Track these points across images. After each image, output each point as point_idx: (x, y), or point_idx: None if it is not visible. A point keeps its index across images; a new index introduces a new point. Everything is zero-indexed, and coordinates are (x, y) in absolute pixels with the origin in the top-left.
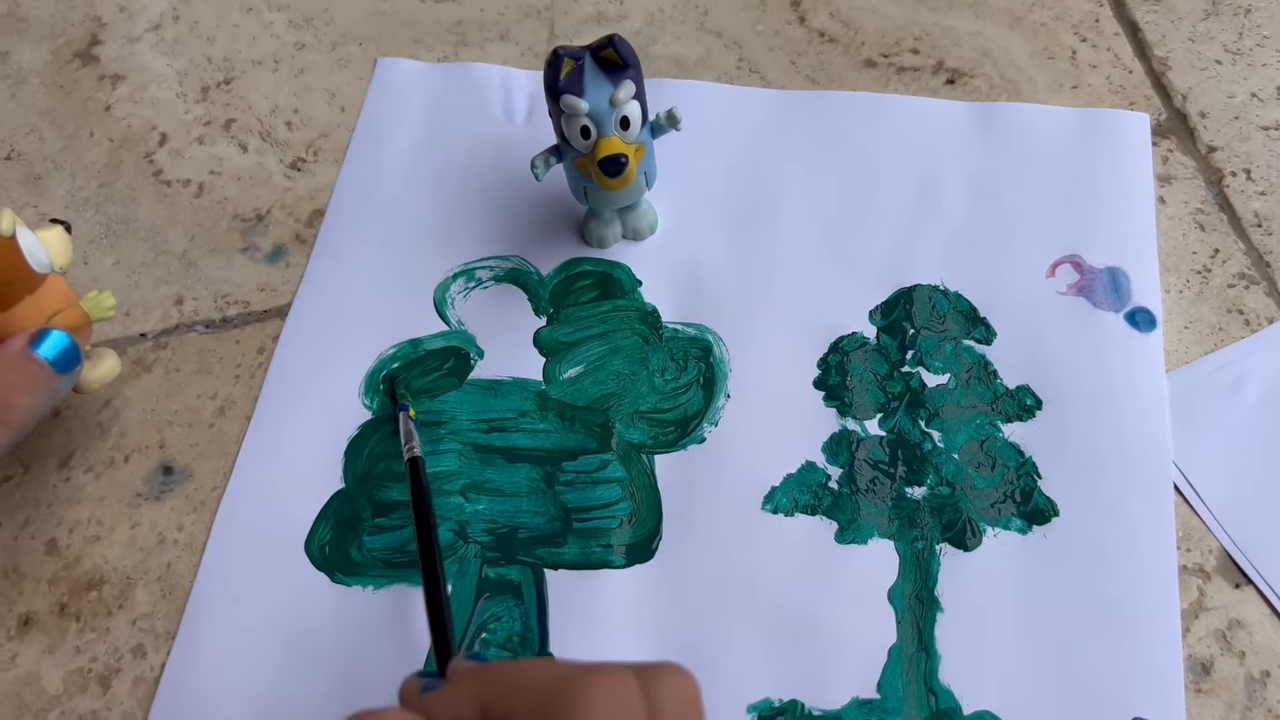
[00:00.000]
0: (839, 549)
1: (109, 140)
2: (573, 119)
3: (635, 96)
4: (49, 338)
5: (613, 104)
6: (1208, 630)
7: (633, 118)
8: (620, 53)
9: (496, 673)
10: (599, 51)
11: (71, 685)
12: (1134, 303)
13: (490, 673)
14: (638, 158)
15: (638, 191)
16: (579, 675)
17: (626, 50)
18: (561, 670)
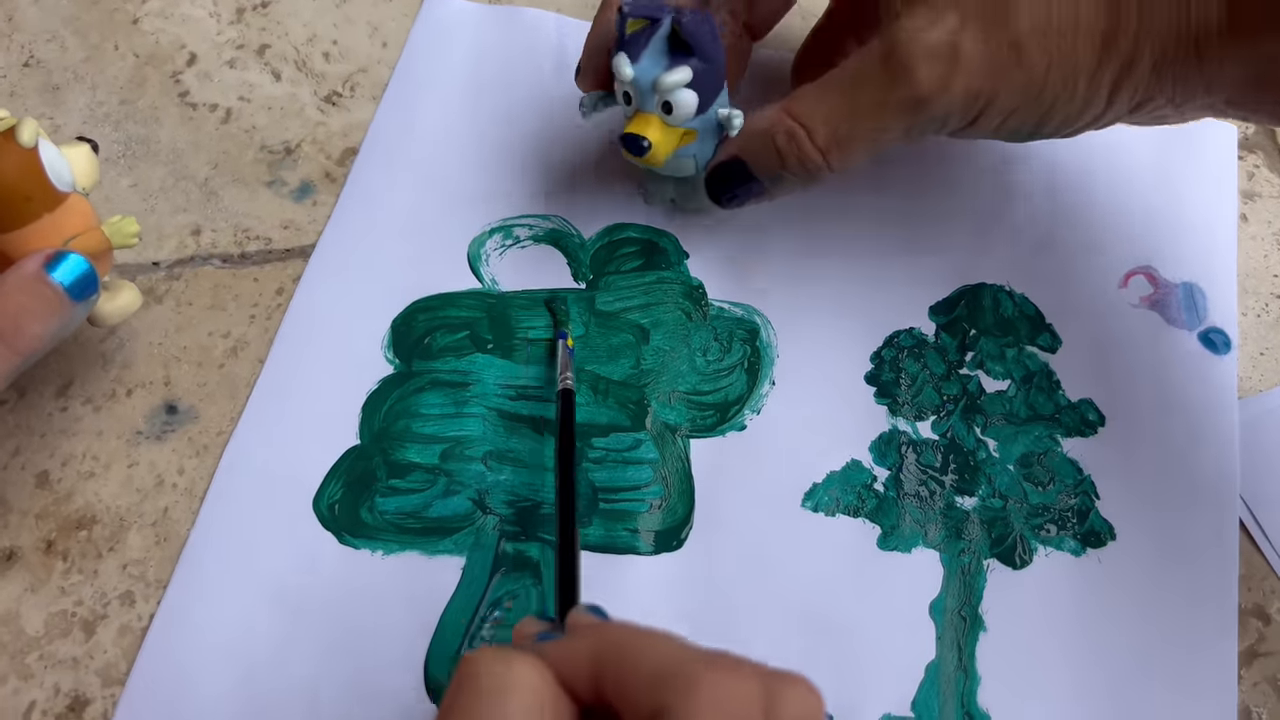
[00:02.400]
0: (880, 555)
1: (134, 55)
2: (618, 81)
3: (695, 85)
4: (66, 261)
5: (655, 88)
6: (1263, 676)
7: (678, 106)
8: (687, 36)
9: (617, 635)
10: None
11: (53, 628)
12: (1209, 322)
13: (610, 634)
14: (677, 142)
15: (680, 170)
16: (701, 664)
17: (697, 35)
18: (684, 653)
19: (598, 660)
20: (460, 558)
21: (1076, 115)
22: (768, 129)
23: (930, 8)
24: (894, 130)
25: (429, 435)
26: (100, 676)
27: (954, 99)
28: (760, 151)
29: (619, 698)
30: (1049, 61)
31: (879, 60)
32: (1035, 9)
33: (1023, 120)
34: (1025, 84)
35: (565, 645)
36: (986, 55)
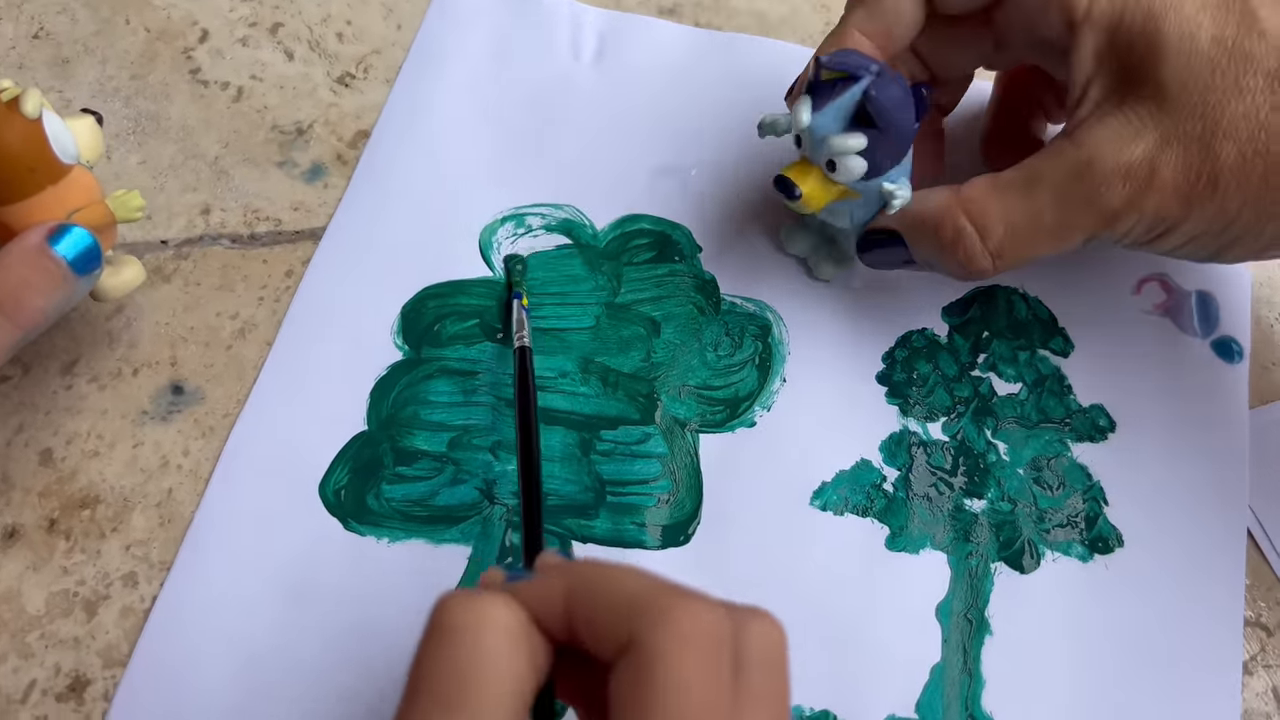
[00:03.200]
0: (888, 556)
1: (146, 30)
2: (794, 123)
3: (868, 154)
4: (69, 234)
5: (825, 145)
6: (1265, 687)
7: (843, 169)
8: (871, 108)
9: (586, 571)
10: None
11: (54, 608)
12: (1222, 331)
13: (580, 570)
14: (833, 197)
15: (833, 220)
16: (669, 593)
17: (883, 109)
18: (652, 583)
19: (569, 596)
20: (466, 547)
21: (1259, 251)
22: (937, 219)
23: (1128, 120)
24: (1073, 240)
25: (437, 423)
26: (101, 657)
27: (1143, 219)
28: (923, 238)
29: (590, 632)
30: (1244, 200)
31: (1072, 171)
32: (1240, 148)
33: (1203, 246)
34: (1215, 216)
35: (536, 584)
36: (1183, 183)
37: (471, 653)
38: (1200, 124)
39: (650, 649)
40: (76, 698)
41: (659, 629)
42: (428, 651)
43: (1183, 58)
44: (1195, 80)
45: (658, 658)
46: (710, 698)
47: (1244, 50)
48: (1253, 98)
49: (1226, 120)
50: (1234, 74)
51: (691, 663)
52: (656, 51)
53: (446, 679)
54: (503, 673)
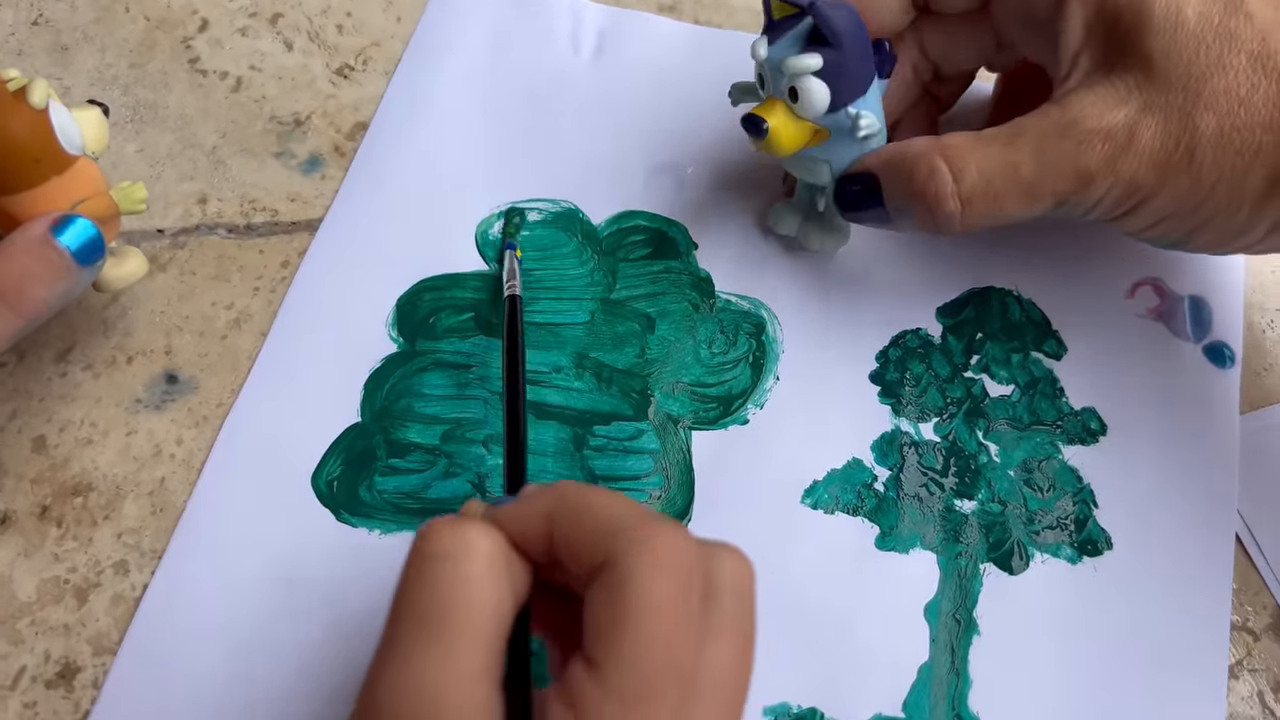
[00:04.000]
0: (878, 555)
1: (145, 18)
2: (755, 64)
3: (826, 77)
4: (73, 225)
5: (781, 70)
6: (1251, 691)
7: (804, 93)
8: (820, 23)
9: (568, 493)
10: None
11: (45, 594)
12: (1214, 336)
13: (562, 492)
14: (804, 137)
15: (813, 176)
16: (646, 521)
17: (832, 24)
18: (631, 509)
19: (550, 517)
20: None
21: (1229, 238)
22: (913, 157)
23: (1113, 87)
24: (1044, 200)
25: (431, 415)
26: (91, 645)
27: (1117, 184)
28: (897, 177)
29: (569, 552)
30: (1219, 176)
31: (1054, 127)
32: (1219, 120)
33: (1173, 228)
34: (1188, 191)
35: (519, 506)
36: (1160, 150)
37: (452, 580)
38: (1182, 95)
39: (625, 570)
40: (66, 685)
41: (635, 553)
42: (410, 578)
43: (1169, 30)
44: (1180, 53)
45: (632, 579)
46: (680, 620)
47: (1229, 30)
48: (1235, 75)
49: (1208, 93)
50: (1218, 51)
51: (664, 586)
52: (656, 48)
53: (428, 605)
54: (483, 599)
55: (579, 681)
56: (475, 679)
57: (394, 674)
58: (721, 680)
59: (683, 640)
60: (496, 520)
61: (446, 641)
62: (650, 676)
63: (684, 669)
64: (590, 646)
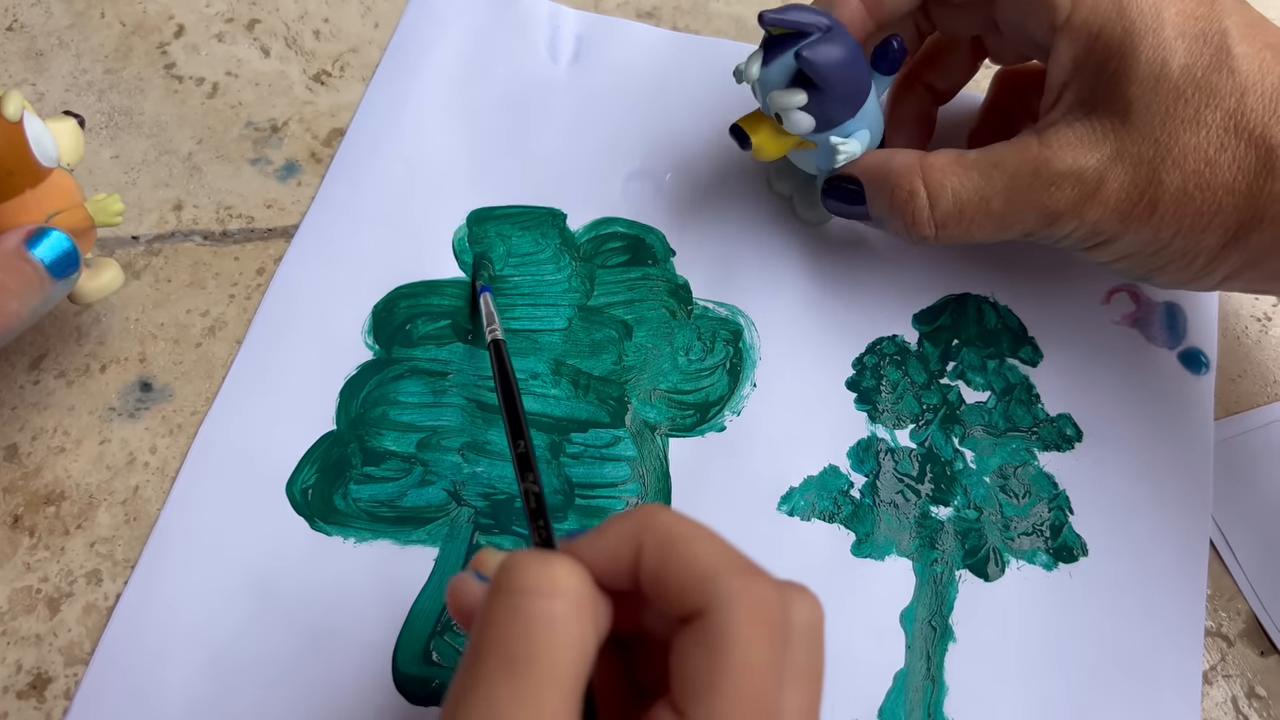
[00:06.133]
0: (854, 562)
1: (121, 24)
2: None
3: (812, 110)
4: (47, 238)
5: (772, 105)
6: (1225, 696)
7: (788, 123)
8: (806, 70)
9: (658, 525)
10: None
11: (17, 604)
12: (1189, 342)
13: (650, 522)
14: (788, 148)
15: (803, 167)
16: (742, 571)
17: (818, 71)
18: (725, 554)
19: (642, 550)
20: (433, 549)
21: (1186, 281)
22: (896, 177)
23: (1090, 129)
24: (1013, 230)
25: (406, 423)
26: (64, 655)
27: (1082, 226)
28: (880, 191)
29: (658, 591)
30: (1177, 230)
31: (1028, 164)
32: (1184, 179)
33: (1135, 266)
34: (1149, 240)
35: (602, 537)
36: (1125, 200)
37: (539, 618)
38: (1153, 149)
39: (724, 624)
40: (37, 695)
41: (734, 609)
42: (495, 613)
43: (1150, 81)
44: (1158, 105)
45: (732, 637)
46: (771, 677)
47: (1210, 85)
48: (1207, 133)
49: (1179, 149)
50: (1195, 105)
51: (760, 645)
52: (635, 55)
53: (514, 641)
54: (569, 640)
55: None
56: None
57: (476, 708)
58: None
59: (773, 693)
60: (576, 551)
61: (531, 682)
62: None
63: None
64: (682, 699)
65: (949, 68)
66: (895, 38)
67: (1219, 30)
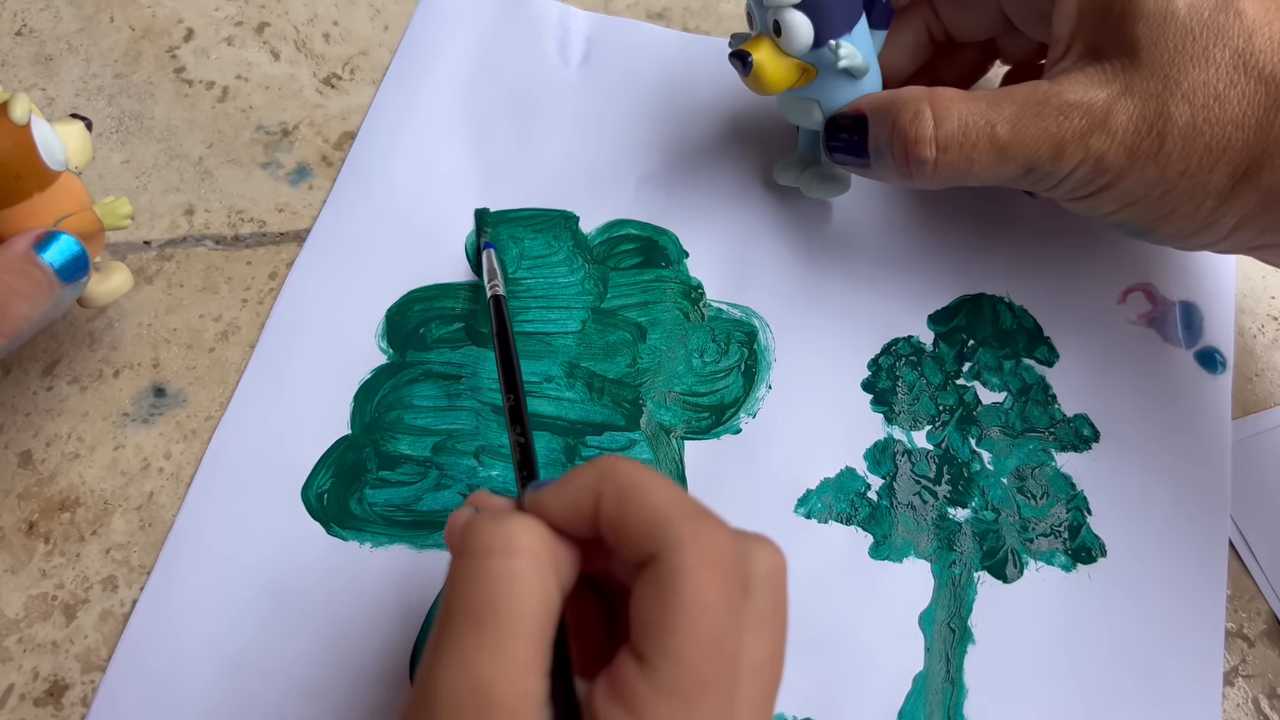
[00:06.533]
0: (872, 564)
1: (130, 28)
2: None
3: (809, 12)
4: (56, 242)
5: (765, 3)
6: (1245, 697)
7: (786, 28)
8: None
9: (618, 472)
10: None
11: (33, 611)
12: (1205, 342)
13: (611, 470)
14: (791, 75)
15: (806, 119)
16: (694, 517)
17: None
18: (679, 501)
19: (600, 497)
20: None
21: (1192, 231)
22: (901, 101)
23: (1099, 69)
24: (1015, 162)
25: (421, 427)
26: (80, 661)
27: (1087, 159)
28: (884, 118)
29: (615, 537)
30: (1185, 167)
31: (1037, 95)
32: (1193, 113)
33: (1137, 215)
34: (1155, 179)
35: (563, 487)
36: (1133, 133)
37: (499, 576)
38: (1161, 83)
39: (676, 568)
40: (55, 702)
41: (685, 550)
42: (458, 576)
43: (1158, 19)
44: (1166, 42)
45: (683, 577)
46: (726, 617)
47: (1217, 24)
48: (1216, 69)
49: (1187, 84)
50: (1204, 43)
51: (712, 586)
52: (645, 56)
53: (477, 602)
54: (529, 593)
55: (630, 677)
56: (524, 670)
57: (447, 667)
58: (759, 668)
59: (728, 635)
60: (540, 502)
61: (497, 636)
62: (701, 673)
63: (730, 663)
64: (640, 642)
65: (960, 68)
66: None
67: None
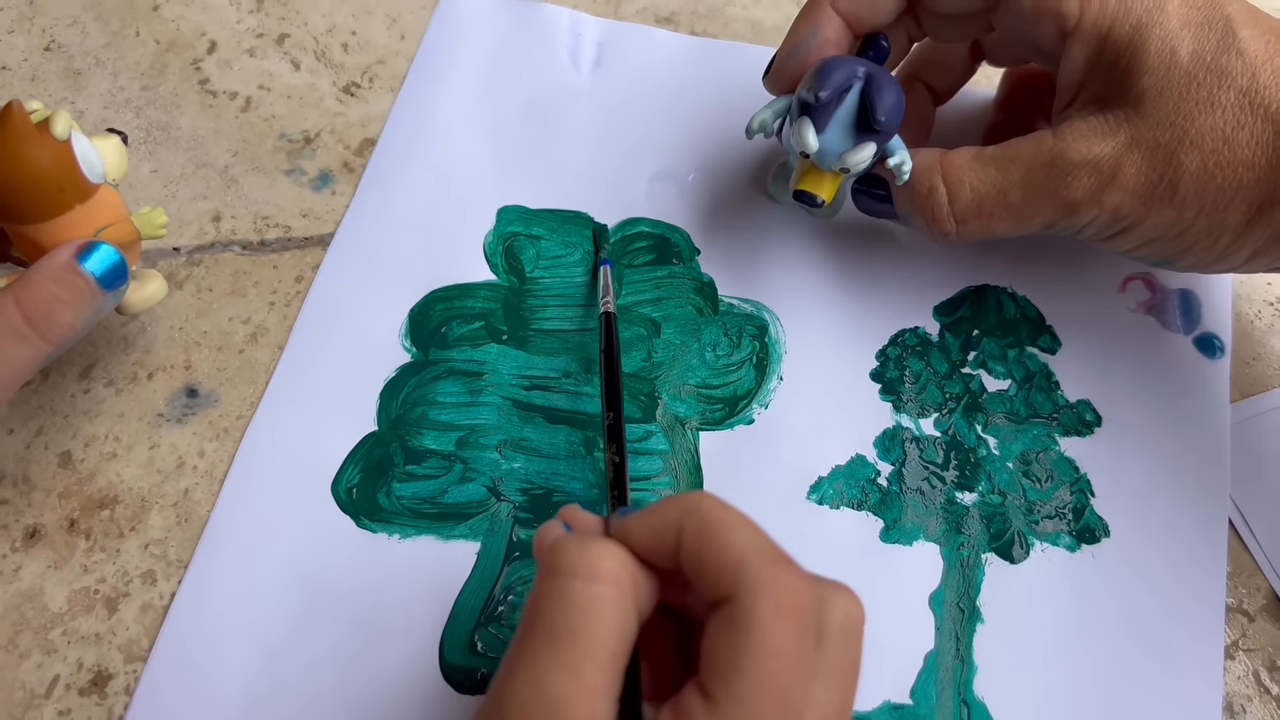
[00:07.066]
0: (883, 548)
1: (155, 42)
2: (799, 145)
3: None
4: (97, 251)
5: (840, 164)
6: (1246, 670)
7: (855, 170)
8: (874, 114)
9: (702, 509)
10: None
11: (76, 605)
12: (1203, 327)
13: (695, 506)
14: (839, 182)
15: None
16: (772, 562)
17: (886, 112)
18: (760, 544)
19: (683, 533)
20: (475, 543)
21: (1212, 262)
22: (915, 174)
23: (1105, 121)
24: (1034, 224)
25: (445, 423)
26: (123, 652)
27: (1102, 213)
28: (904, 191)
29: (695, 574)
30: (1200, 209)
31: (1044, 157)
32: (1203, 158)
33: (1159, 250)
34: (1172, 222)
35: (649, 516)
36: (1144, 184)
37: (580, 599)
38: (1169, 132)
39: (749, 611)
40: (99, 692)
41: (759, 594)
42: (541, 594)
43: (1162, 69)
44: (1171, 91)
45: (755, 621)
46: (795, 664)
47: (1221, 66)
48: (1223, 112)
49: (1195, 131)
50: (1209, 88)
51: (784, 632)
52: (654, 60)
53: (558, 619)
54: (608, 618)
55: (695, 713)
56: (596, 694)
57: (522, 682)
58: (826, 716)
59: (796, 683)
60: (625, 529)
61: (573, 657)
62: (764, 718)
63: (795, 711)
64: (708, 680)
65: (947, 68)
66: (882, 36)
67: (1222, 17)
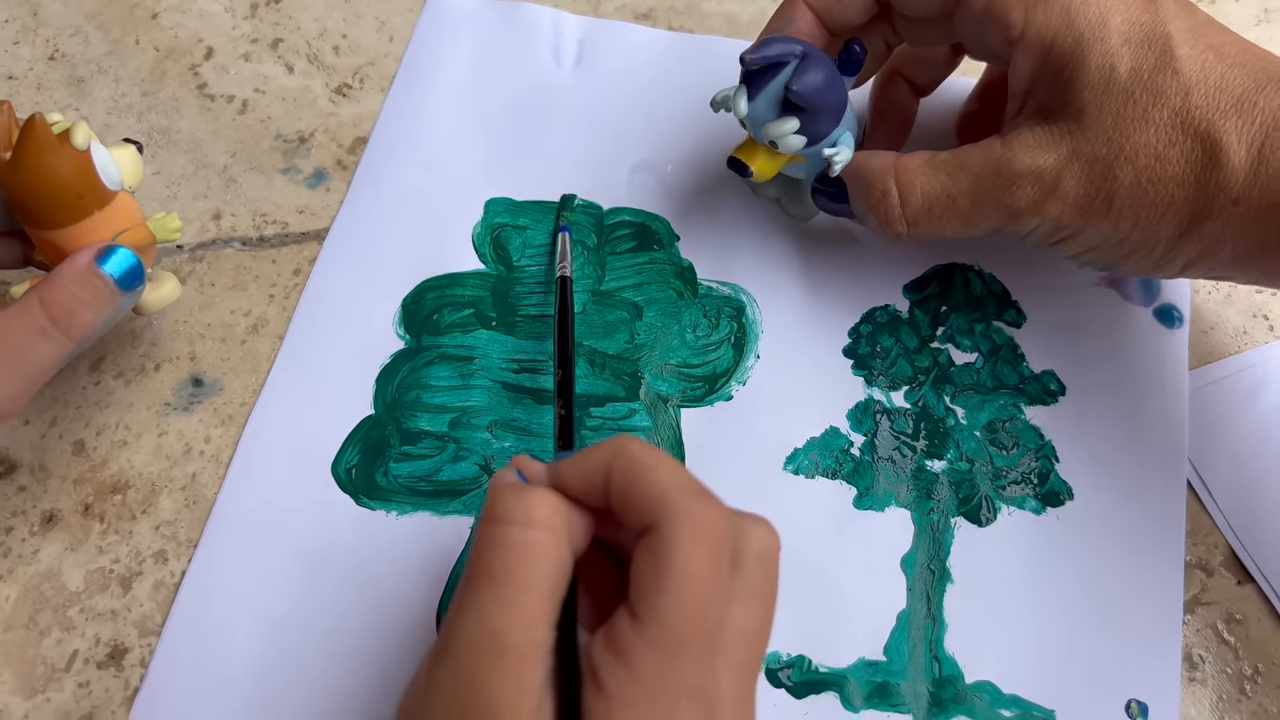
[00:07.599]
0: (856, 514)
1: (154, 49)
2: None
3: (803, 130)
4: (115, 255)
5: (766, 135)
6: (1205, 623)
7: (783, 146)
8: (795, 100)
9: (627, 451)
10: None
11: (92, 584)
12: (1163, 299)
13: (621, 449)
14: (781, 165)
15: (793, 175)
16: (690, 495)
17: (807, 99)
18: (680, 480)
19: (610, 472)
20: (469, 518)
21: (1151, 269)
22: (870, 177)
23: (1049, 132)
24: (979, 229)
25: (438, 405)
26: (138, 627)
27: (1044, 223)
28: (858, 192)
29: (622, 508)
30: (1135, 223)
31: (991, 165)
32: (1137, 174)
33: (1100, 257)
34: (1109, 233)
35: (580, 461)
36: (1082, 196)
37: (516, 543)
38: (1107, 147)
39: (669, 539)
40: (116, 665)
41: (678, 523)
42: (482, 541)
43: (1101, 85)
44: (1109, 107)
45: (674, 547)
46: (712, 586)
47: (1157, 85)
48: (1156, 130)
49: (1130, 147)
50: (1144, 105)
51: (701, 556)
52: (633, 55)
53: (497, 561)
54: (542, 558)
55: (624, 631)
56: (534, 623)
57: (467, 618)
58: (745, 635)
59: (713, 602)
60: (558, 474)
61: (511, 595)
62: (684, 632)
63: (713, 626)
64: (635, 601)
65: (929, 63)
66: (856, 42)
67: (1162, 35)
